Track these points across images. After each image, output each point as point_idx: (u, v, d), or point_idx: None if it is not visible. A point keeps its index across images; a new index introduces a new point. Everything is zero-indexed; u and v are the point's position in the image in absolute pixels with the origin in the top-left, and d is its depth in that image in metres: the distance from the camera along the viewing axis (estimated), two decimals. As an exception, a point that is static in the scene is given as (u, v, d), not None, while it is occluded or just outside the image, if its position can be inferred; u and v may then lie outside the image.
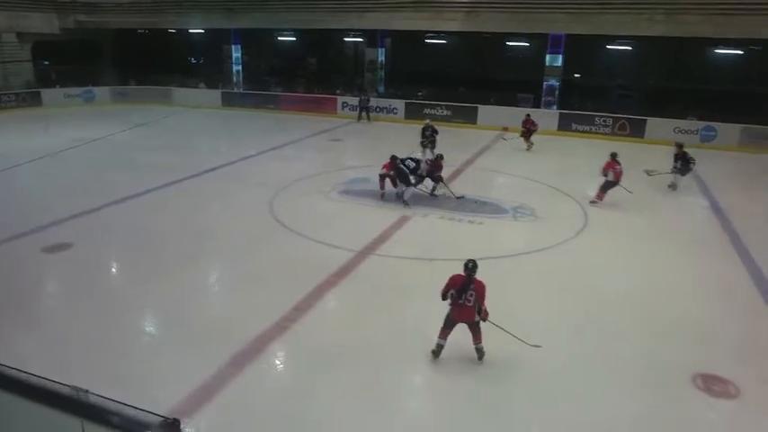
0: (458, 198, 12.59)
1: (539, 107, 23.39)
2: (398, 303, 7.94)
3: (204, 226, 10.97)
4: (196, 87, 28.40)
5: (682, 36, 19.68)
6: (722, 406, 6.04)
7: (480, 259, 9.25)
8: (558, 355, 6.67)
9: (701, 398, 6.09)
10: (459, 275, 6.33)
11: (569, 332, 7.32)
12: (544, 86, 23.31)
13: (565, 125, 21.89)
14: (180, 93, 27.90)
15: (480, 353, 6.45)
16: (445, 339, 6.43)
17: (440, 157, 13.21)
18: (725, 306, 8.21)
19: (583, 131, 21.62)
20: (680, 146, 13.96)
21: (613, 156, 12.49)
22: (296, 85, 28.01)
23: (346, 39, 28.37)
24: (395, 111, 24.13)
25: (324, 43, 29.32)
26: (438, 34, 24.97)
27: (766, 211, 12.66)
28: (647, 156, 18.40)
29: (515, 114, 22.27)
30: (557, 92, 23.26)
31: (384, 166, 12.45)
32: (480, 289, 6.28)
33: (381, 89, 25.95)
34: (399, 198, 12.19)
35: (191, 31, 28.48)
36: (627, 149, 19.23)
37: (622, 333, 7.33)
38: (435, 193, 12.92)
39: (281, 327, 7.18)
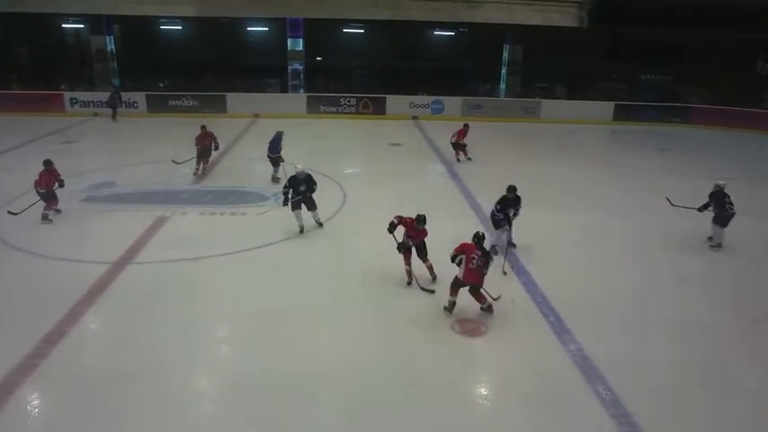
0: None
1: (286, 91, 23.78)
2: (168, 310, 7.47)
3: None
4: None
5: (402, 19, 21.83)
6: (477, 342, 7.02)
7: (248, 250, 9.35)
8: (340, 319, 7.06)
9: (461, 340, 7.03)
10: (470, 244, 7.23)
11: (346, 301, 7.75)
12: (289, 71, 23.72)
13: (313, 108, 22.66)
14: None
15: (490, 309, 7.40)
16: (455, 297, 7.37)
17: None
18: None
19: (331, 113, 22.63)
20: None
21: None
22: (6, 81, 23.78)
23: (65, 25, 25.03)
24: (135, 105, 22.16)
25: (36, 30, 25.25)
26: (172, 20, 23.53)
27: (491, 172, 14.74)
28: (389, 129, 20.17)
29: (264, 101, 22.41)
30: (302, 75, 23.85)
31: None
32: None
33: (117, 82, 23.55)
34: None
35: None
36: (372, 126, 20.94)
37: (388, 294, 8.03)
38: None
39: (28, 366, 6.21)
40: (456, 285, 7.37)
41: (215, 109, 22.03)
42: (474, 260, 7.13)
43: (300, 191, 9.75)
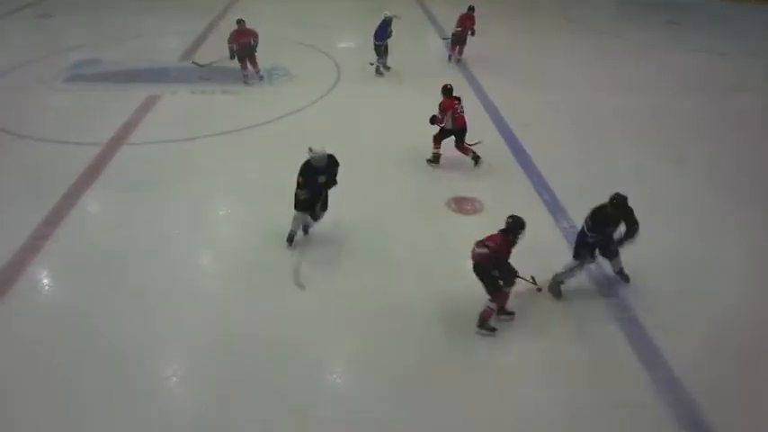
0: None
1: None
2: (167, 190, 7.49)
3: None
4: None
5: None
6: (472, 220, 7.08)
7: (245, 129, 9.19)
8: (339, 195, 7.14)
9: (455, 217, 7.14)
10: (448, 101, 7.78)
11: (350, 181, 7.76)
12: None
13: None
14: None
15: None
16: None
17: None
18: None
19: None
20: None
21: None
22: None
23: None
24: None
25: None
26: None
27: (493, 50, 14.08)
28: (388, 3, 19.03)
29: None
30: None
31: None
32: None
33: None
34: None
35: None
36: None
37: (391, 172, 8.07)
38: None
39: (32, 247, 6.32)
40: (442, 136, 8.01)
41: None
42: (457, 108, 7.85)
43: (318, 184, 6.24)
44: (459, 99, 8.02)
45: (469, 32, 12.17)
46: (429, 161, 8.24)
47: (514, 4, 19.12)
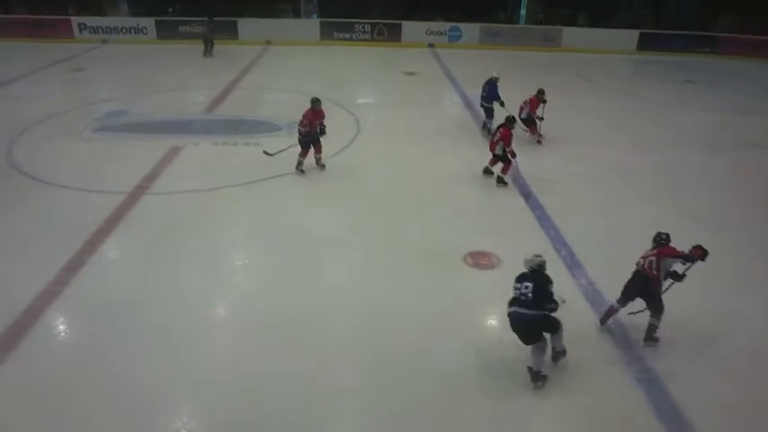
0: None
1: (299, 17, 23.07)
2: (186, 240, 7.58)
3: None
4: None
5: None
6: (489, 275, 7.04)
7: (265, 180, 9.35)
8: (357, 250, 7.15)
9: (471, 272, 7.08)
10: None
11: (365, 231, 7.80)
12: (302, -5, 22.92)
13: (327, 34, 21.98)
14: None
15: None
16: None
17: None
18: (482, 191, 9.40)
19: (345, 39, 21.97)
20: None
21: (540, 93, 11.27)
22: (12, 5, 23.22)
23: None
24: (144, 31, 21.64)
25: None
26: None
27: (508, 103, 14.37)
28: (406, 58, 19.60)
29: (277, 27, 21.78)
30: (315, 0, 23.06)
31: None
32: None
33: (124, 6, 22.92)
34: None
35: None
36: (387, 54, 20.36)
37: (405, 222, 8.08)
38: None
39: (51, 293, 6.38)
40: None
41: (227, 34, 21.36)
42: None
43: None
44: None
45: (536, 111, 11.25)
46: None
47: (530, 65, 19.59)
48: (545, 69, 18.86)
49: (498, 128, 9.49)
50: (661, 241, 5.66)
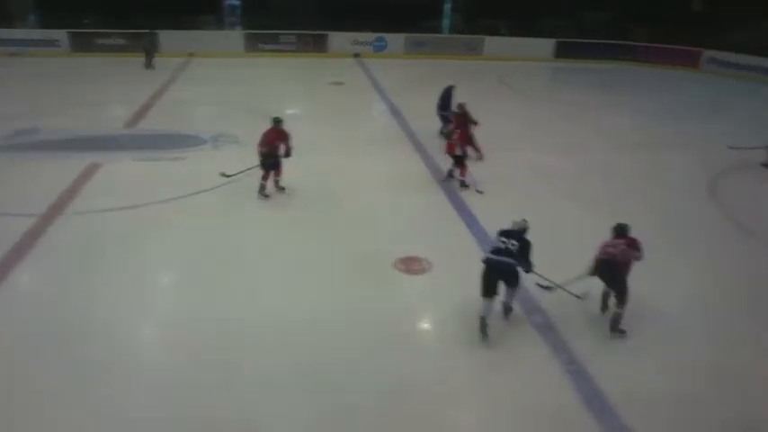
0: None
1: (222, 29, 22.68)
2: (107, 262, 7.20)
3: None
4: None
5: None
6: (419, 280, 7.10)
7: (189, 196, 9.06)
8: (286, 262, 7.03)
9: (402, 277, 7.11)
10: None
11: (294, 242, 7.69)
12: (225, 6, 22.55)
13: (251, 46, 21.73)
14: None
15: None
16: None
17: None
18: (410, 197, 9.50)
19: (270, 50, 21.76)
20: None
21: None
22: None
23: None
24: (57, 43, 20.63)
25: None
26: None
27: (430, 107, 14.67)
28: (332, 68, 19.64)
29: (199, 39, 21.33)
30: (239, 11, 22.73)
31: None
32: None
33: (32, 18, 21.72)
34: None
35: None
36: (313, 64, 20.34)
37: (336, 233, 8.05)
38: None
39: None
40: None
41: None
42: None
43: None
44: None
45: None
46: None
47: (456, 70, 20.08)
48: (469, 77, 19.33)
49: (455, 130, 9.81)
50: (623, 231, 6.02)
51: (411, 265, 7.32)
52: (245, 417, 4.90)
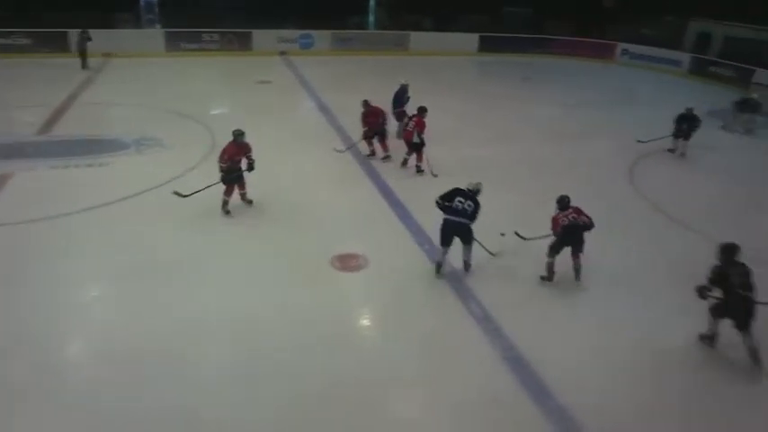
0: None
1: (141, 27, 21.78)
2: (22, 278, 6.76)
3: None
4: None
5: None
6: (358, 277, 7.10)
7: (111, 203, 8.63)
8: (220, 266, 6.84)
9: (340, 275, 7.09)
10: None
11: (226, 246, 7.49)
12: (142, 3, 21.66)
13: (173, 45, 20.92)
14: None
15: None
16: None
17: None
18: (344, 194, 9.47)
19: (192, 50, 21.07)
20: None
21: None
22: None
23: None
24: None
25: None
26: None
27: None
28: (257, 67, 19.26)
29: (117, 38, 20.36)
30: (156, 9, 21.89)
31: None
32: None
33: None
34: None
35: None
36: (238, 63, 19.88)
37: (268, 234, 7.91)
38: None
39: None
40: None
41: (55, 47, 19.49)
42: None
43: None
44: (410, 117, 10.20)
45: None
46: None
47: (383, 65, 20.22)
48: (396, 72, 19.50)
49: (411, 117, 10.15)
50: (568, 202, 6.88)
51: (348, 262, 7.32)
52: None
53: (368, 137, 10.82)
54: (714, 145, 12.71)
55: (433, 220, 8.22)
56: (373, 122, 10.71)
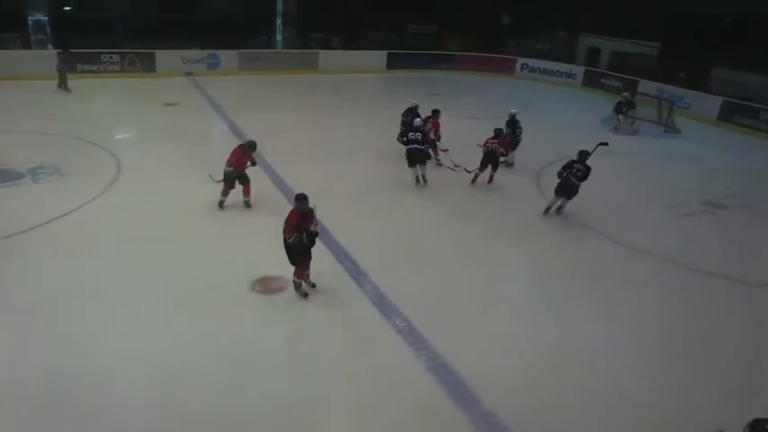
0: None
1: (29, 47, 20.47)
2: None
3: None
4: None
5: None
6: (280, 298, 7.04)
7: (13, 236, 8.01)
8: (138, 298, 6.51)
9: (262, 298, 6.99)
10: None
11: (142, 276, 7.15)
12: (30, 23, 20.39)
13: (69, 67, 19.73)
14: None
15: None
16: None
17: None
18: (257, 217, 9.32)
19: (92, 72, 20.01)
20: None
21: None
22: None
23: None
24: None
25: None
26: None
27: (278, 125, 14.55)
28: (163, 88, 18.61)
29: (1, 59, 18.99)
30: (47, 28, 20.67)
31: None
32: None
33: None
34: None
35: None
36: (141, 85, 19.11)
37: (182, 262, 7.63)
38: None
39: None
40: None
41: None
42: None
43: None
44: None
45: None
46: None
47: (293, 84, 20.21)
48: (307, 90, 19.61)
49: (428, 119, 11.59)
50: (500, 133, 10.86)
51: (269, 284, 7.23)
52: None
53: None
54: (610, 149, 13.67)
55: (353, 236, 8.35)
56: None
